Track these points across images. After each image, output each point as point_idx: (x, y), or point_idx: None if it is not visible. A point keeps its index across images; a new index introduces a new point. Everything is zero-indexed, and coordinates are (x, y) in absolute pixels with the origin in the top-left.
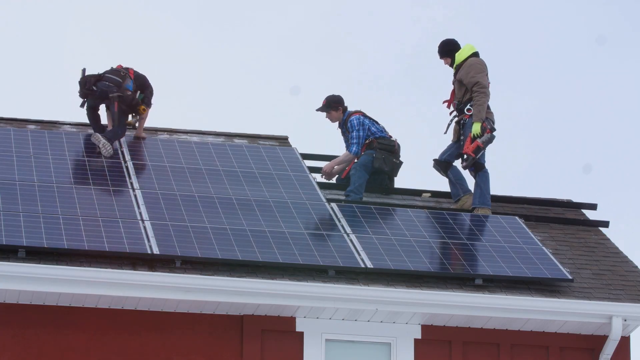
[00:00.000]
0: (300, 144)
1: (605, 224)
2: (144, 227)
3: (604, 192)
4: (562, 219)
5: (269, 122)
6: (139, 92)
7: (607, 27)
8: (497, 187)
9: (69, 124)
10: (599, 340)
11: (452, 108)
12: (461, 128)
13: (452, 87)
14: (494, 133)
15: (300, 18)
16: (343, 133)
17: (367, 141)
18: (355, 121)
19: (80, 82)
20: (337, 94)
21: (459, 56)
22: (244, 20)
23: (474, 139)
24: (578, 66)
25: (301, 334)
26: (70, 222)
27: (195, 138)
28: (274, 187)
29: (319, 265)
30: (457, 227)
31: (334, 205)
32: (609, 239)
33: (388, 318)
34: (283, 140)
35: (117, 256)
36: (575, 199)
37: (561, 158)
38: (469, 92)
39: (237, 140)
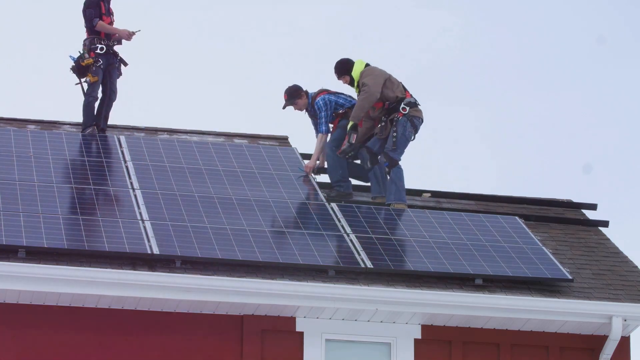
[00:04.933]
0: (300, 144)
1: (605, 223)
2: (144, 227)
3: (604, 192)
4: (562, 219)
5: (269, 122)
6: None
7: (607, 27)
8: (498, 187)
9: (69, 124)
10: (599, 340)
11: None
12: (393, 125)
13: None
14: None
15: (301, 18)
16: (312, 116)
17: (341, 112)
18: (320, 102)
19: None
20: (292, 84)
21: (356, 72)
22: (244, 21)
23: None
24: (578, 66)
25: (301, 334)
26: (70, 222)
27: (195, 138)
28: (274, 187)
29: (319, 265)
30: (457, 227)
31: (334, 205)
32: (609, 239)
33: (388, 318)
34: (283, 140)
35: (117, 256)
36: (575, 199)
37: (561, 158)
38: (392, 92)
39: (237, 140)
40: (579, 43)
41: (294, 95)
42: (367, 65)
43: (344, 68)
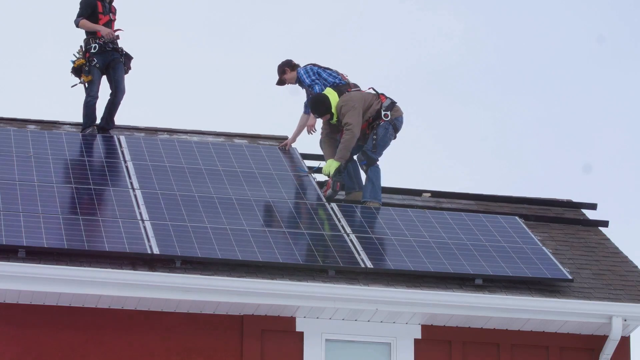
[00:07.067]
0: (301, 144)
1: (605, 223)
2: (144, 227)
3: (604, 192)
4: (562, 218)
5: (269, 122)
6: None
7: (607, 27)
8: (498, 186)
9: (69, 124)
10: (599, 340)
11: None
12: (374, 129)
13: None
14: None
15: (302, 20)
16: (307, 92)
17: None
18: (302, 71)
19: None
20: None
21: (333, 105)
22: (245, 21)
23: (328, 175)
24: (578, 66)
25: (301, 334)
26: (70, 222)
27: (195, 138)
28: (274, 187)
29: (319, 265)
30: (457, 227)
31: (334, 205)
32: (609, 239)
33: (388, 318)
34: (283, 140)
35: (117, 256)
36: (575, 199)
37: (561, 158)
38: (371, 109)
39: (237, 140)
40: (579, 43)
41: (278, 72)
42: (340, 92)
43: (323, 107)
